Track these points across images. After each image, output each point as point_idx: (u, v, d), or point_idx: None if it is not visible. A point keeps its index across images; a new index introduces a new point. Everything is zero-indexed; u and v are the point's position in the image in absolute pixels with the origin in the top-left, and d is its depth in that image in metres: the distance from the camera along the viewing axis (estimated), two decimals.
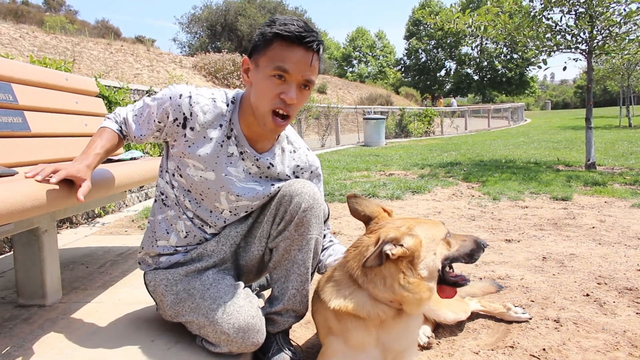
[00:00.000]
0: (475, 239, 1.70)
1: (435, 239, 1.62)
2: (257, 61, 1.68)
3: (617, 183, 6.39)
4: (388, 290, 1.58)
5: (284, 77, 1.63)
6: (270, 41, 1.62)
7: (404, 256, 1.56)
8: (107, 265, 2.97)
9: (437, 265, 1.60)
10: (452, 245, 1.66)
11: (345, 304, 1.62)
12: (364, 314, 1.61)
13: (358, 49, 73.85)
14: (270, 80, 1.64)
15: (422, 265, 1.57)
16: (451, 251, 1.65)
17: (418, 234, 1.59)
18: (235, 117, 1.80)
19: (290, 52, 1.61)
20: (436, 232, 1.64)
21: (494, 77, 66.95)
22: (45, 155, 2.52)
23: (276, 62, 1.62)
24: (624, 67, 19.66)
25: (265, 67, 1.64)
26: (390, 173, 8.07)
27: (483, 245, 1.70)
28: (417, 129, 22.47)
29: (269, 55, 1.63)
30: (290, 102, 1.65)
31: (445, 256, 1.63)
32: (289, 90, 1.64)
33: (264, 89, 1.66)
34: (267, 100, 1.66)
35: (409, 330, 1.68)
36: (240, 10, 36.54)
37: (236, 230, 1.89)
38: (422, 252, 1.58)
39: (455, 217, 4.68)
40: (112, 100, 4.95)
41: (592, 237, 3.78)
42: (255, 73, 1.69)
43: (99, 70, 14.51)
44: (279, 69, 1.62)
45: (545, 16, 7.86)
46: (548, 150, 11.66)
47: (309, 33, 1.62)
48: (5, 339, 1.91)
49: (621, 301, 2.51)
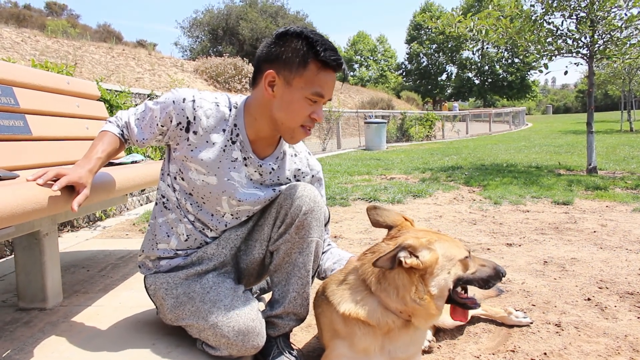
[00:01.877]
0: (495, 267, 1.65)
1: (452, 259, 1.59)
2: (289, 79, 1.67)
3: (618, 187, 6.38)
4: (400, 301, 1.57)
5: (318, 100, 1.69)
6: (308, 63, 1.64)
7: (417, 268, 1.54)
8: (108, 268, 2.97)
9: (448, 284, 1.58)
10: (469, 268, 1.62)
11: (357, 309, 1.62)
12: (373, 321, 1.60)
13: (359, 53, 73.95)
14: (305, 102, 1.68)
15: (434, 282, 1.56)
16: (466, 273, 1.61)
17: (436, 250, 1.57)
18: (241, 121, 1.80)
19: (328, 77, 1.68)
20: (455, 252, 1.60)
21: (495, 81, 66.97)
22: (47, 158, 2.52)
23: (315, 87, 1.66)
24: (625, 71, 19.71)
25: (302, 89, 1.66)
26: (391, 177, 8.07)
27: (502, 274, 1.65)
28: (418, 133, 22.47)
29: (306, 77, 1.65)
30: (319, 120, 1.73)
31: (459, 277, 1.60)
32: (320, 110, 1.72)
33: (298, 109, 1.69)
34: (299, 119, 1.71)
35: (415, 340, 1.67)
36: (241, 15, 36.66)
37: (236, 233, 1.89)
38: (435, 269, 1.56)
39: (457, 221, 4.68)
40: (114, 104, 4.96)
41: (593, 242, 3.77)
42: (287, 91, 1.68)
43: (100, 74, 14.55)
44: (317, 94, 1.67)
45: (546, 20, 7.87)
46: (549, 155, 11.66)
47: (339, 57, 1.67)
48: (6, 342, 1.91)
49: (622, 305, 2.50)
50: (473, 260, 1.64)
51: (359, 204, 5.68)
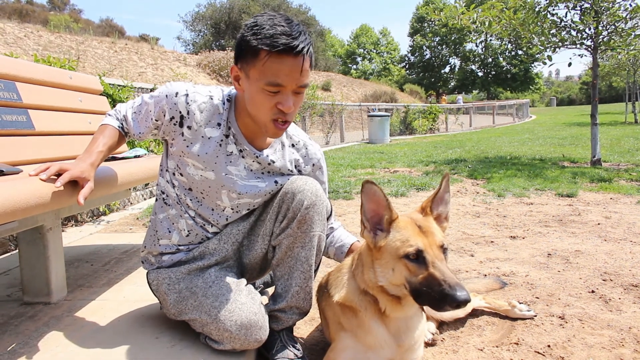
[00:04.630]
0: (449, 287, 1.35)
1: (397, 253, 1.48)
2: (246, 71, 1.62)
3: (622, 179, 6.35)
4: (363, 282, 1.60)
5: (278, 89, 1.59)
6: (257, 53, 1.55)
7: (373, 248, 1.56)
8: (111, 263, 2.98)
9: (394, 281, 1.49)
10: (416, 274, 1.43)
11: (340, 293, 1.67)
12: (354, 304, 1.62)
13: (362, 46, 73.74)
14: (264, 93, 1.59)
15: (380, 271, 1.53)
16: (412, 279, 1.44)
17: (394, 234, 1.52)
18: (232, 116, 1.79)
19: (281, 64, 1.55)
20: (400, 247, 1.47)
21: (498, 73, 66.68)
22: (49, 153, 2.53)
23: (268, 77, 1.56)
24: (629, 63, 19.56)
25: (257, 81, 1.59)
26: (394, 170, 8.06)
27: (450, 299, 1.33)
28: (422, 126, 22.42)
29: (258, 68, 1.57)
30: (288, 111, 1.62)
31: (406, 278, 1.45)
32: (285, 100, 1.60)
33: (260, 102, 1.62)
34: (265, 112, 1.63)
35: (411, 327, 1.64)
36: (244, 8, 36.58)
37: (238, 228, 1.89)
38: (384, 256, 1.52)
39: (460, 213, 4.67)
40: (116, 99, 4.96)
41: (597, 234, 3.76)
42: (247, 84, 1.64)
43: (103, 69, 14.54)
44: (271, 84, 1.57)
45: (550, 12, 7.82)
46: (553, 147, 11.62)
47: (296, 40, 1.54)
48: (11, 336, 1.92)
49: (627, 297, 2.50)
50: (435, 269, 1.40)
51: None
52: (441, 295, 1.35)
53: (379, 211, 1.56)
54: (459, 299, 1.32)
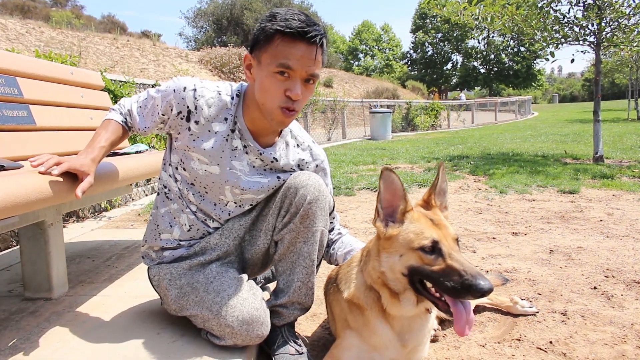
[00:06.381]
0: (470, 280, 1.35)
1: (410, 244, 1.48)
2: (259, 58, 1.65)
3: (625, 176, 6.34)
4: (368, 275, 1.60)
5: (288, 73, 1.61)
6: (272, 37, 1.60)
7: (381, 237, 1.55)
8: (113, 258, 2.98)
9: (397, 268, 1.50)
10: (432, 264, 1.43)
11: (348, 290, 1.66)
12: (360, 301, 1.62)
13: (364, 42, 73.61)
14: (274, 77, 1.62)
15: (385, 259, 1.53)
16: (425, 268, 1.44)
17: (406, 225, 1.52)
18: (240, 111, 1.79)
19: (293, 48, 1.59)
20: (414, 238, 1.47)
21: (500, 70, 66.47)
22: (50, 148, 2.52)
23: (279, 59, 1.59)
24: (632, 59, 19.51)
25: (269, 65, 1.62)
26: (396, 166, 8.04)
27: (473, 289, 1.35)
28: (424, 123, 22.39)
29: (271, 52, 1.61)
30: (296, 98, 1.63)
31: (411, 266, 1.46)
32: (294, 86, 1.62)
33: (269, 87, 1.64)
34: (273, 98, 1.64)
35: (417, 327, 1.64)
36: (246, 4, 36.46)
37: (239, 223, 1.89)
38: (393, 246, 1.52)
39: (462, 210, 4.66)
40: (118, 94, 4.95)
41: (599, 230, 3.75)
42: (258, 70, 1.66)
43: (105, 65, 14.54)
44: (282, 65, 1.59)
45: (552, 8, 7.79)
46: (555, 144, 11.60)
47: (311, 27, 1.59)
48: (12, 331, 1.92)
49: (629, 294, 2.49)
50: (453, 260, 1.41)
51: (364, 193, 5.68)
52: (463, 286, 1.36)
53: (394, 201, 1.56)
54: (483, 288, 1.34)
